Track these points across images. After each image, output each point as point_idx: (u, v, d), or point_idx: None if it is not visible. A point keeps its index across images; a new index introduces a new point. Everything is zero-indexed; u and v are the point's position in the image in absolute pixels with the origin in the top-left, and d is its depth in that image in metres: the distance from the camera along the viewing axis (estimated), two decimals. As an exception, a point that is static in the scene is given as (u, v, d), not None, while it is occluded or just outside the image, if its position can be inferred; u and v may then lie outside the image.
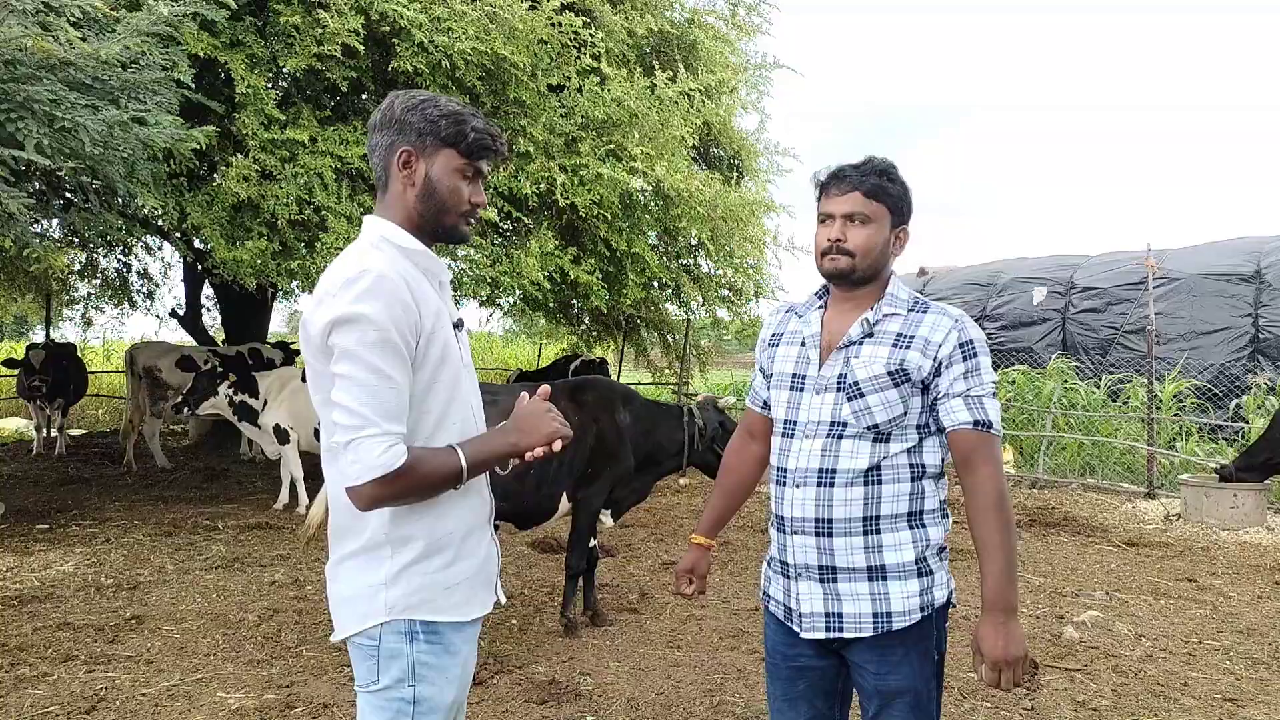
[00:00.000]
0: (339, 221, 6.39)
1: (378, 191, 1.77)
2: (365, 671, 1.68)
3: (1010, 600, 1.83)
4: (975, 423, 1.87)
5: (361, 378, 1.55)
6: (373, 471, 1.53)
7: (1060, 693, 3.78)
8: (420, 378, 1.65)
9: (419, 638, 1.67)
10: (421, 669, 1.67)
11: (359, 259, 1.64)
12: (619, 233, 7.79)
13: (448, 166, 1.72)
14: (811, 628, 1.96)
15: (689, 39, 8.85)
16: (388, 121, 1.72)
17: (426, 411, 1.67)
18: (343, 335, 1.56)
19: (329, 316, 1.57)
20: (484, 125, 1.75)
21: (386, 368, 1.56)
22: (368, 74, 6.86)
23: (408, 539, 1.67)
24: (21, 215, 4.78)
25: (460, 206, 1.75)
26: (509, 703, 3.63)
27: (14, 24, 4.44)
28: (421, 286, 1.68)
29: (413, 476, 1.57)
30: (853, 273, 1.96)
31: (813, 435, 1.96)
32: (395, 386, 1.58)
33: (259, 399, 7.79)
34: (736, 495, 2.30)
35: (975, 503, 1.88)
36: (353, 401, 1.55)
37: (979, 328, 1.97)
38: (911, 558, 1.92)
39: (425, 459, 1.61)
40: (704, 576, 2.29)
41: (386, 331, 1.56)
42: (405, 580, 1.66)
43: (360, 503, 1.58)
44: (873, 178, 1.95)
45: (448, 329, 1.72)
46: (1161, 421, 9.44)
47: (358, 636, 1.68)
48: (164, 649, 4.21)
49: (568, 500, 4.45)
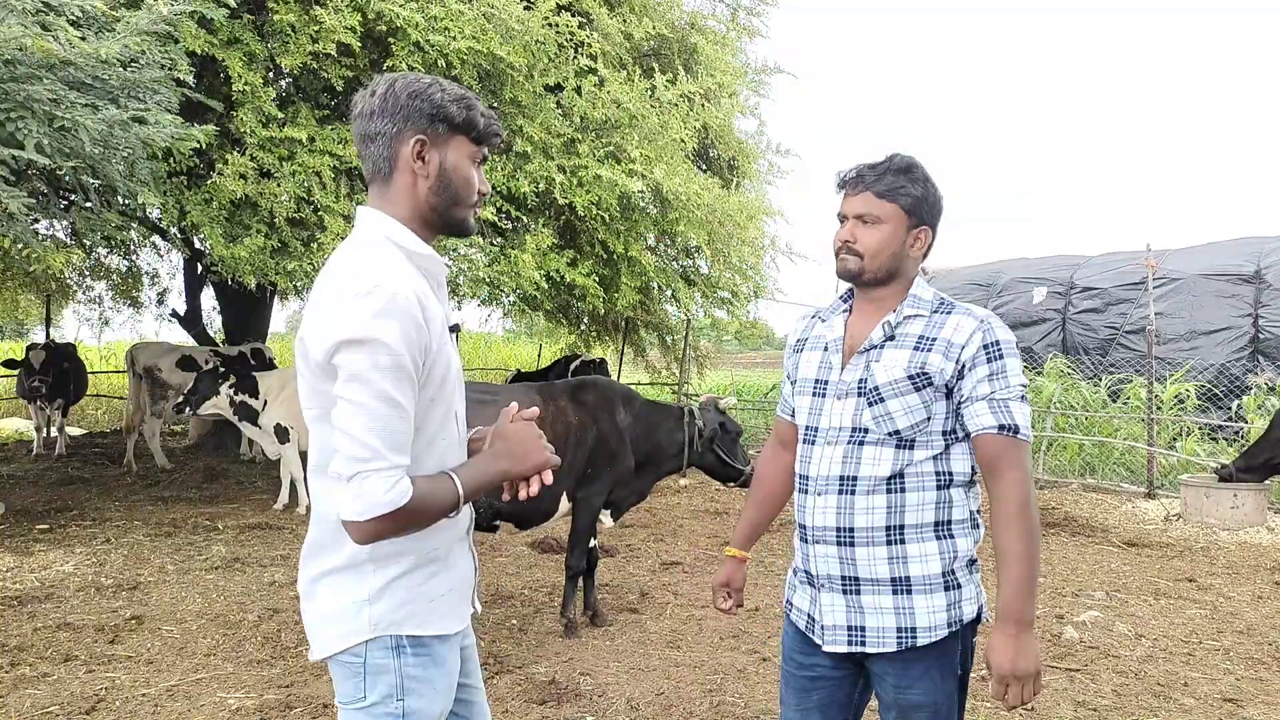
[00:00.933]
0: (336, 220, 6.39)
1: (373, 183, 1.64)
2: (351, 689, 1.61)
3: (1026, 613, 1.76)
4: (1000, 427, 1.81)
5: (371, 406, 1.45)
6: (378, 509, 1.45)
7: (1060, 693, 3.79)
8: (424, 394, 1.56)
9: (406, 652, 1.61)
10: (410, 682, 1.61)
11: (368, 268, 1.52)
12: (616, 235, 7.79)
13: (461, 154, 1.63)
14: (834, 640, 1.92)
15: (688, 42, 8.86)
16: (390, 107, 1.58)
17: (419, 429, 1.57)
18: (353, 357, 1.45)
19: (338, 336, 1.46)
20: (487, 109, 1.67)
21: (398, 395, 1.47)
22: (365, 72, 6.86)
23: (390, 555, 1.59)
24: (22, 215, 4.78)
25: (472, 197, 1.66)
26: (509, 703, 3.62)
27: (14, 23, 4.44)
28: (429, 300, 1.57)
29: (415, 510, 1.49)
30: (862, 274, 1.92)
31: (834, 442, 1.91)
32: (404, 415, 1.49)
33: (259, 399, 7.80)
34: (769, 506, 2.25)
35: (999, 510, 1.81)
36: (360, 430, 1.45)
37: (1007, 329, 1.90)
38: (938, 570, 1.86)
39: (427, 493, 1.52)
40: (740, 590, 2.23)
41: (400, 356, 1.46)
42: (390, 595, 1.59)
43: (360, 537, 1.49)
44: (888, 177, 1.90)
45: (448, 340, 1.64)
46: (1162, 422, 9.44)
47: (340, 654, 1.60)
48: (164, 649, 4.21)
49: (568, 500, 4.45)
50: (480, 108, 1.64)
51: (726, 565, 2.25)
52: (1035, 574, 1.79)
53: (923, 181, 1.92)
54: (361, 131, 1.61)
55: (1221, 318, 11.14)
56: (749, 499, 2.30)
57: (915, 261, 1.95)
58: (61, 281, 12.80)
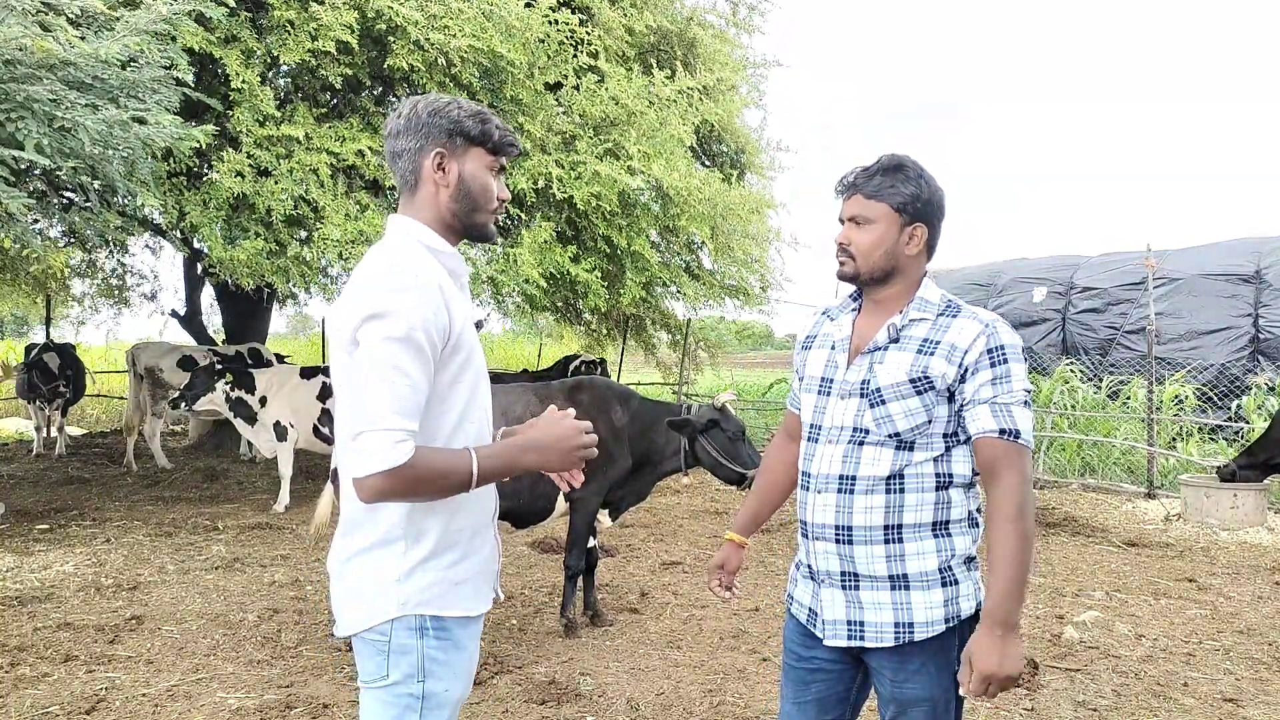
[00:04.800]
0: (334, 217, 6.39)
1: (402, 194, 1.79)
2: (374, 667, 1.69)
3: (1012, 616, 1.77)
4: (1001, 431, 1.80)
5: (381, 371, 1.56)
6: (379, 465, 1.53)
7: (1060, 693, 3.78)
8: (444, 378, 1.67)
9: (429, 633, 1.68)
10: (431, 664, 1.69)
11: (392, 256, 1.66)
12: (619, 230, 7.78)
13: (479, 164, 1.76)
14: (834, 635, 1.94)
15: (688, 37, 8.86)
16: (414, 126, 1.73)
17: (446, 412, 1.68)
18: (369, 328, 1.57)
19: (361, 312, 1.59)
20: (502, 122, 1.80)
21: (406, 364, 1.57)
22: (364, 70, 6.86)
23: (422, 534, 1.68)
24: (22, 215, 4.78)
25: (491, 204, 1.79)
26: (509, 703, 3.62)
27: (13, 23, 4.44)
28: (451, 288, 1.70)
29: (419, 474, 1.57)
30: (858, 275, 1.94)
31: (835, 440, 1.93)
32: (412, 383, 1.57)
33: (255, 396, 7.80)
34: (772, 495, 2.26)
35: (993, 513, 1.82)
36: (369, 395, 1.56)
37: (1014, 333, 1.89)
38: (934, 566, 1.88)
39: (435, 459, 1.60)
40: (734, 573, 2.24)
41: (412, 329, 1.57)
42: (419, 576, 1.67)
43: (364, 494, 1.58)
44: (877, 178, 1.91)
45: (473, 331, 1.75)
46: (1162, 422, 9.44)
47: (367, 632, 1.68)
48: (164, 649, 4.21)
49: (564, 500, 4.44)
50: (496, 121, 1.78)
51: (724, 548, 2.25)
52: (1025, 578, 1.80)
53: (914, 179, 1.92)
54: (390, 150, 1.77)
55: (1221, 318, 11.13)
56: (753, 488, 2.32)
57: (915, 260, 1.95)
58: (61, 281, 12.81)
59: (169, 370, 9.56)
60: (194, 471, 9.43)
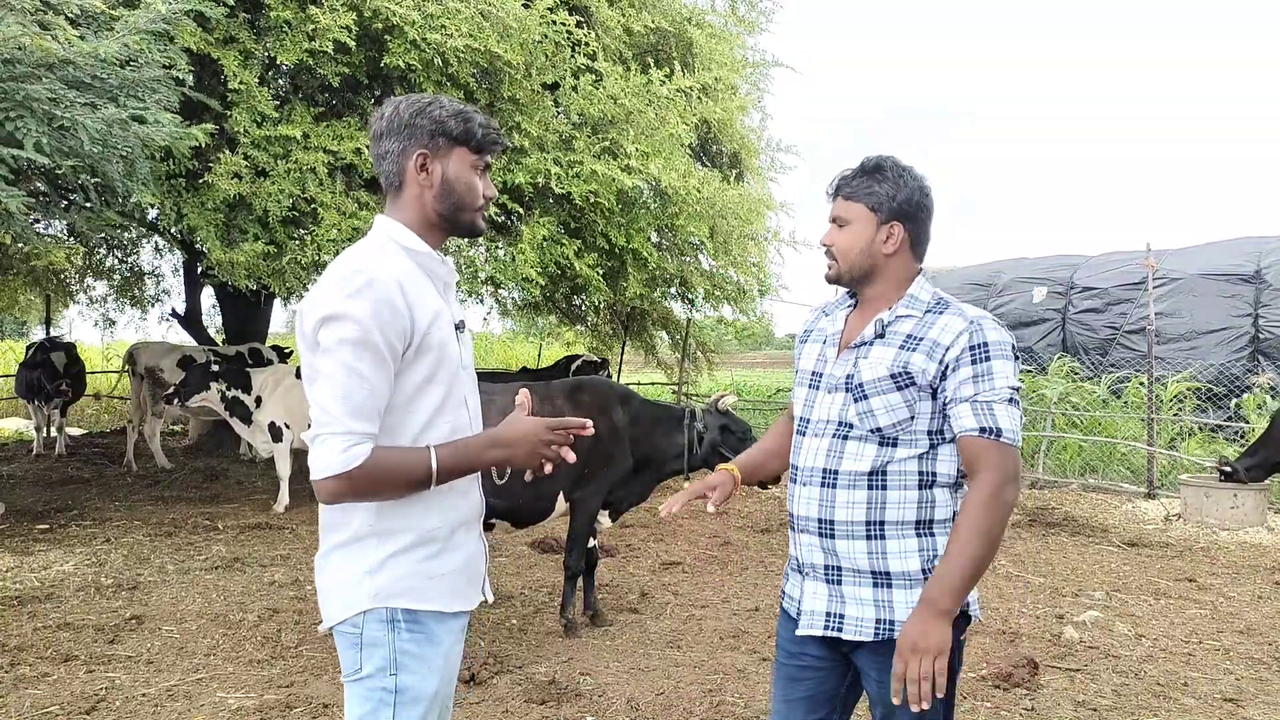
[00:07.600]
0: (331, 214, 6.38)
1: (387, 195, 1.80)
2: (349, 660, 1.71)
3: (947, 603, 1.76)
4: (981, 429, 1.80)
5: (335, 375, 1.58)
6: (330, 469, 1.56)
7: (1060, 693, 3.78)
8: (411, 378, 1.68)
9: (400, 626, 1.69)
10: (403, 658, 1.69)
11: (357, 259, 1.67)
12: (618, 228, 7.78)
13: (463, 164, 1.77)
14: (810, 624, 1.95)
15: (686, 36, 8.84)
16: (395, 127, 1.74)
17: (414, 412, 1.69)
18: (326, 332, 1.60)
19: (319, 313, 1.61)
20: (486, 119, 1.80)
21: (361, 367, 1.59)
22: (361, 70, 6.85)
23: (393, 532, 1.70)
24: (21, 214, 4.77)
25: (476, 202, 1.80)
26: (509, 703, 3.62)
27: (13, 22, 4.43)
28: (420, 288, 1.70)
29: (373, 475, 1.59)
30: (840, 276, 1.98)
31: (820, 434, 1.95)
32: (367, 386, 1.59)
33: (251, 395, 7.79)
34: (773, 453, 2.23)
35: (964, 504, 1.82)
36: (324, 397, 1.59)
37: (1002, 330, 1.87)
38: (918, 567, 1.87)
39: (390, 459, 1.62)
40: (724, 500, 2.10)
41: (368, 332, 1.58)
42: (390, 569, 1.69)
43: (322, 496, 1.61)
44: (855, 179, 1.95)
45: (447, 330, 1.74)
46: (1162, 422, 9.43)
47: (343, 625, 1.70)
48: (164, 649, 4.21)
49: (564, 500, 4.44)
50: (479, 119, 1.78)
51: (717, 473, 2.16)
52: (974, 572, 1.78)
53: (891, 179, 1.92)
54: (375, 152, 1.78)
55: (1221, 318, 11.13)
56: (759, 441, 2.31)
57: (895, 258, 1.94)
58: (61, 280, 12.80)
59: (169, 370, 9.56)
60: (194, 471, 9.43)
